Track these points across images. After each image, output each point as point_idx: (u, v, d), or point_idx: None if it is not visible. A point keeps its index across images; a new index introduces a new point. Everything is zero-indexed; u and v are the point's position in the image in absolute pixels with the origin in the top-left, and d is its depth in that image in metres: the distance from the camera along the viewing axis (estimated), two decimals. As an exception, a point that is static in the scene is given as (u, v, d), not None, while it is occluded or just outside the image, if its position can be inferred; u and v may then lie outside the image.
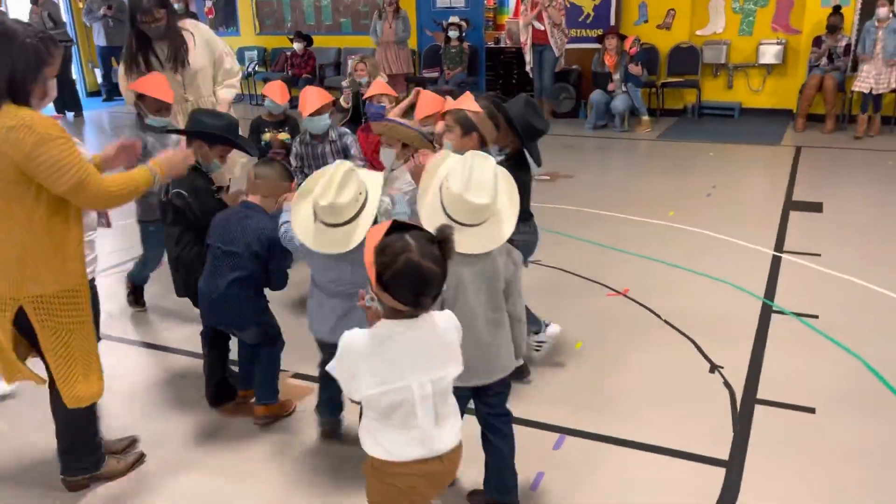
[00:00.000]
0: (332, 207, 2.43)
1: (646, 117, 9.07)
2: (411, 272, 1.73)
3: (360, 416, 1.98)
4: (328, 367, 1.92)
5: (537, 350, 3.58)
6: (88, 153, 2.58)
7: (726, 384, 3.35)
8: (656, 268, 4.75)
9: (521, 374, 3.30)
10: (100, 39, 11.56)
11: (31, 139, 2.21)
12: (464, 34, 10.21)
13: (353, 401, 1.91)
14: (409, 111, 4.20)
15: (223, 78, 4.43)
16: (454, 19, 10.23)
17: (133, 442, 2.98)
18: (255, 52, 11.77)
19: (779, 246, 5.07)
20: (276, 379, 3.12)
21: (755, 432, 3.00)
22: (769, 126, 9.10)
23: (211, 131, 3.19)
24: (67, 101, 10.82)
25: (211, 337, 3.17)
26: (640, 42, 9.00)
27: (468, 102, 3.24)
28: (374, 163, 4.57)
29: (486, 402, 2.47)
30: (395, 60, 10.06)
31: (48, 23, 10.61)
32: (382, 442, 1.87)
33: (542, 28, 9.17)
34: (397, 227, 1.82)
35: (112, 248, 4.99)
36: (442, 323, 1.90)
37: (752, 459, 2.83)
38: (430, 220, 2.24)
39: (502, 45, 12.15)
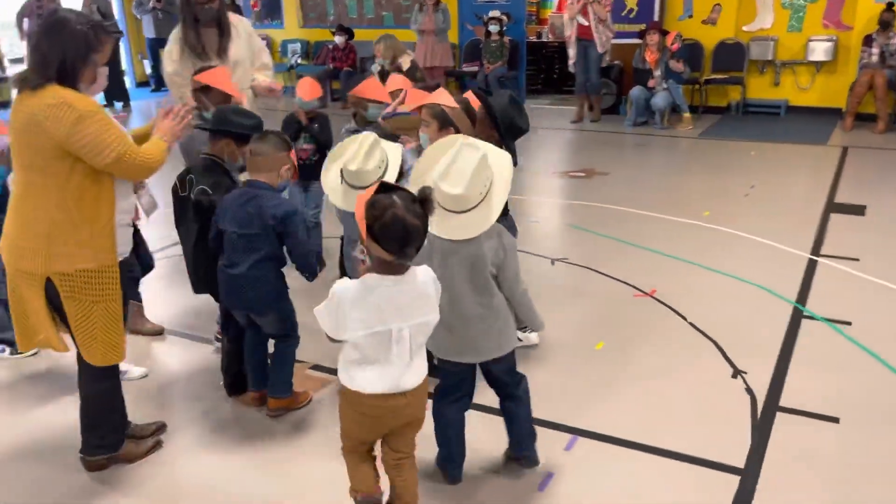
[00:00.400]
0: (359, 172, 2.86)
1: (687, 114, 8.90)
2: (397, 225, 1.94)
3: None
4: (315, 309, 2.10)
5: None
6: (126, 130, 2.62)
7: (748, 390, 3.28)
8: (686, 269, 4.67)
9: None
10: (149, 31, 11.82)
11: (71, 116, 2.33)
12: (504, 28, 10.16)
13: (333, 340, 2.11)
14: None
15: (256, 68, 4.48)
16: (495, 13, 10.17)
17: (160, 427, 3.04)
18: (298, 44, 11.90)
19: (816, 249, 4.93)
20: (290, 375, 3.12)
21: (774, 441, 2.93)
22: (816, 125, 8.85)
23: (240, 130, 3.19)
24: (115, 91, 11.12)
25: (233, 330, 3.21)
26: (682, 38, 8.82)
27: (444, 97, 3.26)
28: None
29: (490, 376, 2.65)
30: (434, 54, 10.08)
31: (96, 15, 10.89)
32: (355, 376, 2.12)
33: (587, 23, 9.07)
34: (385, 188, 2.01)
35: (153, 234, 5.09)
36: (421, 276, 2.12)
37: (768, 469, 2.76)
38: None
39: (545, 39, 12.11)
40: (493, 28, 10.00)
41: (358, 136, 2.81)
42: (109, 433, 2.78)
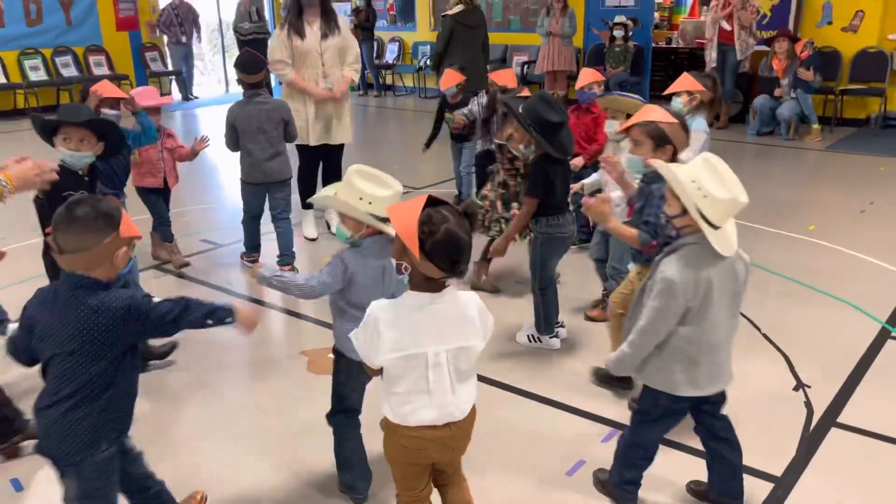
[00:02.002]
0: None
1: (815, 126, 8.47)
2: (452, 240, 1.84)
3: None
4: (350, 334, 2.00)
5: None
6: None
7: (807, 403, 3.20)
8: (773, 281, 4.53)
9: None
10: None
11: None
12: (630, 34, 10.06)
13: (370, 371, 2.04)
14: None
15: (349, 62, 5.17)
16: (620, 18, 10.10)
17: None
18: (428, 47, 12.30)
19: (924, 270, 4.65)
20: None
21: (821, 454, 2.87)
22: (965, 142, 8.17)
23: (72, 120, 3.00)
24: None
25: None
26: (814, 45, 8.41)
27: (657, 113, 2.90)
28: (582, 144, 4.78)
29: (708, 409, 2.46)
30: (558, 57, 10.17)
31: (255, 17, 11.73)
32: (395, 406, 1.99)
33: (729, 28, 8.84)
34: (432, 202, 1.90)
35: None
36: (464, 299, 1.99)
37: (805, 480, 2.72)
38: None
39: (674, 45, 11.83)
40: (618, 33, 9.93)
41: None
42: (5, 425, 2.82)
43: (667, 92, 4.05)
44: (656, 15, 12.42)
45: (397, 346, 1.90)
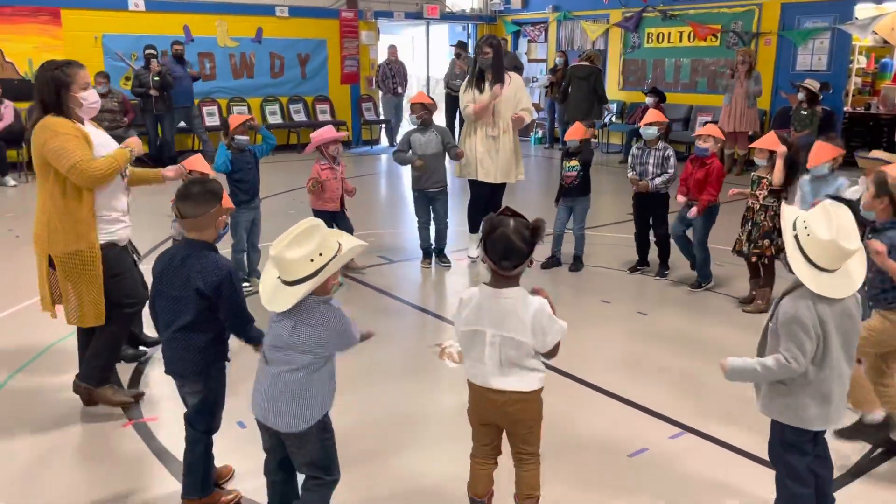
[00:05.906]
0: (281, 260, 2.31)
1: None
2: (501, 240, 2.37)
3: None
4: (453, 317, 2.58)
5: None
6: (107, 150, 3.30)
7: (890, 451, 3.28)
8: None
9: None
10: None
11: (45, 134, 3.13)
12: (820, 98, 9.97)
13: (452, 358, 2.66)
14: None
15: (520, 109, 6.02)
16: (809, 82, 10.05)
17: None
18: (615, 105, 12.88)
19: None
20: (207, 472, 2.83)
21: (869, 476, 3.08)
22: None
23: None
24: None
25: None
26: None
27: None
28: (692, 191, 5.33)
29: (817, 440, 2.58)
30: (740, 118, 10.34)
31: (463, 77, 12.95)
32: (466, 368, 2.56)
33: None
34: (509, 212, 2.45)
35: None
36: (526, 302, 2.42)
37: (848, 493, 2.95)
38: (794, 265, 2.36)
39: (874, 110, 11.46)
40: (801, 96, 9.90)
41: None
42: (100, 371, 3.42)
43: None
44: (858, 80, 12.10)
45: (468, 321, 2.48)
